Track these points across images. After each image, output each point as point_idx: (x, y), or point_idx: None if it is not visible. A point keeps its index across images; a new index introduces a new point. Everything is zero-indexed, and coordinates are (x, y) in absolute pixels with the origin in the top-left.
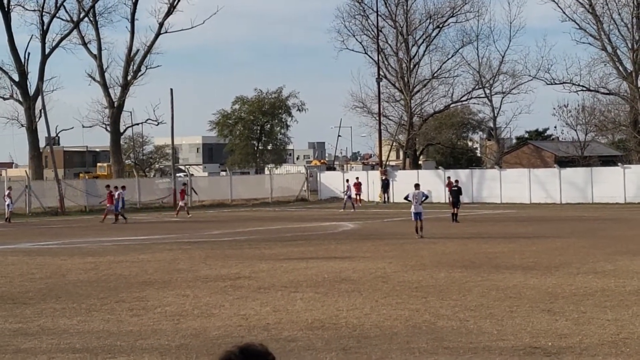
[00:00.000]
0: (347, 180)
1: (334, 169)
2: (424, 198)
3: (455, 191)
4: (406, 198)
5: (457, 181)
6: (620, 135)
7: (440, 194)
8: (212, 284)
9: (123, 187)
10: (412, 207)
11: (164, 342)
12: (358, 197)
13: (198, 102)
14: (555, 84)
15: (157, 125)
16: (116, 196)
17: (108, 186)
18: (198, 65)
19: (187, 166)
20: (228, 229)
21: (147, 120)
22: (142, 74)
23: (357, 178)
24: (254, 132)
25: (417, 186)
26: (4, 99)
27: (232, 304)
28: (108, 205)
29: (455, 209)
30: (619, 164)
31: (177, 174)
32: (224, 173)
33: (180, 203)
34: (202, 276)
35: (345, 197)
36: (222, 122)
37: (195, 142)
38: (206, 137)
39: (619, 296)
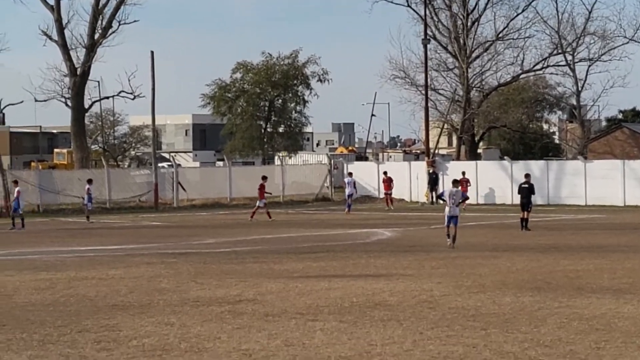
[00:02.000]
0: (350, 174)
1: (366, 159)
2: (463, 198)
3: (526, 189)
4: (440, 197)
5: (527, 175)
6: None
7: (506, 193)
8: (205, 309)
9: (89, 181)
10: (447, 208)
11: None
12: (388, 198)
13: (188, 70)
14: None
15: (133, 99)
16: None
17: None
18: (188, 22)
19: (173, 154)
20: (226, 236)
21: (120, 92)
22: (113, 32)
23: (385, 173)
24: (260, 109)
25: (455, 183)
26: None
27: (231, 335)
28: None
29: (525, 213)
30: None
31: (160, 164)
32: (220, 163)
33: (259, 203)
34: (192, 299)
35: (347, 196)
36: (218, 96)
37: (184, 122)
38: (198, 115)
39: None
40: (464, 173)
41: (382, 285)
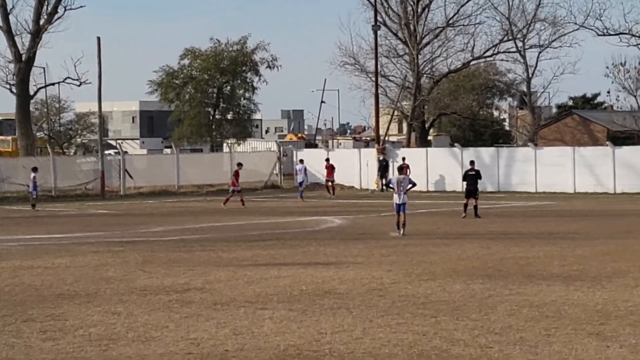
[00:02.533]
0: (301, 161)
1: (316, 146)
2: (410, 185)
3: (473, 176)
4: (388, 185)
5: (472, 162)
6: None
7: (457, 180)
8: (152, 298)
9: (35, 169)
10: (395, 196)
11: None
12: (331, 185)
13: (135, 56)
14: (609, 35)
15: (79, 85)
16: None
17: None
18: (135, 8)
19: (120, 141)
20: (174, 224)
21: (65, 79)
22: (59, 17)
23: (328, 160)
24: (209, 96)
25: (401, 169)
26: None
27: (179, 324)
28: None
29: (474, 200)
30: None
31: (107, 152)
32: (168, 150)
33: (233, 189)
34: (139, 287)
35: (298, 184)
36: (166, 82)
37: (131, 109)
38: (145, 102)
39: None
40: (403, 159)
41: (332, 273)
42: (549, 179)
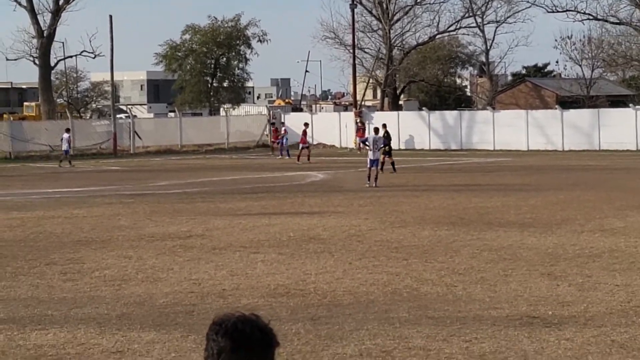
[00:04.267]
0: (283, 123)
1: (301, 110)
2: (384, 144)
3: (385, 138)
4: (364, 142)
5: (385, 125)
6: (632, 72)
7: (424, 139)
8: (159, 244)
9: (67, 130)
10: (370, 152)
11: (102, 310)
12: (276, 146)
13: (142, 31)
14: (558, 11)
15: (94, 58)
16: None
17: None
18: None
19: (130, 106)
20: (177, 179)
21: (82, 52)
22: None
23: (273, 124)
24: (207, 66)
25: (376, 130)
26: None
27: (182, 266)
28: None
29: (389, 158)
30: (631, 105)
31: (118, 115)
32: (172, 114)
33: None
34: (147, 234)
35: (283, 143)
36: (170, 54)
37: (139, 78)
38: (151, 72)
39: (630, 258)
40: (384, 125)
41: (316, 221)
42: (505, 139)
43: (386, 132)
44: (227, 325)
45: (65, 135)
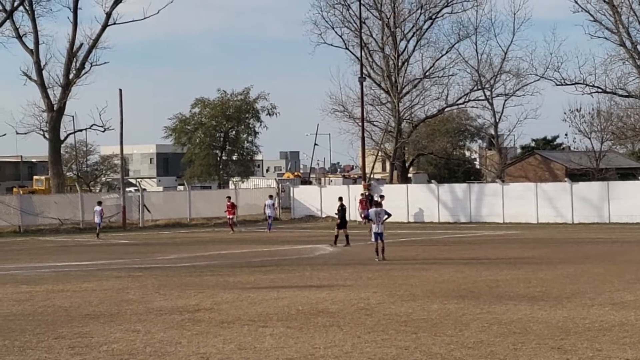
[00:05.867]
0: (271, 196)
1: (310, 183)
2: (386, 217)
3: (342, 210)
4: (367, 217)
5: (341, 198)
6: None
7: (434, 212)
8: (167, 318)
9: (99, 203)
10: (374, 226)
11: None
12: (231, 222)
13: (152, 105)
14: (566, 84)
15: (103, 131)
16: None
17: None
18: (152, 63)
19: (139, 179)
20: (186, 252)
21: (92, 126)
22: (86, 72)
23: (229, 198)
24: (216, 139)
25: (378, 204)
26: None
27: (191, 340)
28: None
29: (344, 230)
30: None
31: (127, 189)
32: (181, 187)
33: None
34: (156, 308)
35: (267, 217)
36: (179, 128)
37: (149, 151)
38: (161, 145)
39: None
40: (381, 196)
41: (325, 294)
42: (514, 211)
43: (341, 205)
44: None
45: (97, 208)
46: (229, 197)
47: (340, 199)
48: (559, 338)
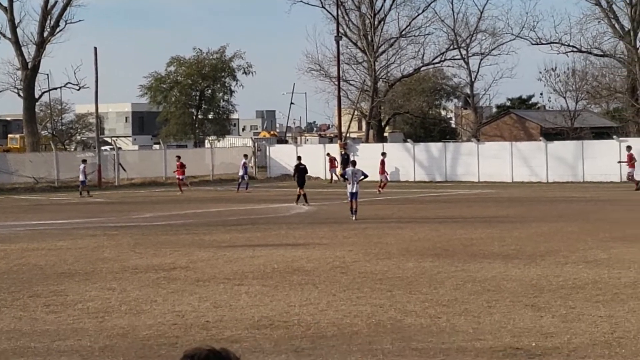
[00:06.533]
0: (245, 155)
1: (286, 142)
2: (362, 177)
3: (302, 169)
4: (343, 176)
5: (300, 158)
6: (616, 104)
7: (409, 171)
8: (143, 276)
9: (84, 161)
10: (349, 186)
11: (85, 343)
12: (180, 183)
13: (127, 63)
14: (542, 44)
15: (78, 90)
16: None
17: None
18: (127, 21)
19: (114, 138)
20: (161, 211)
21: (66, 84)
22: (60, 30)
23: (179, 157)
24: (192, 98)
25: (354, 163)
26: None
27: (166, 298)
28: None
29: (302, 190)
30: (614, 136)
31: (103, 147)
32: (157, 146)
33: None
34: (131, 266)
35: (240, 177)
36: (155, 86)
37: (124, 110)
38: (136, 104)
39: (613, 289)
40: (299, 158)
41: (300, 253)
42: (490, 170)
43: (299, 164)
44: (200, 357)
45: (81, 166)
46: (179, 157)
47: (299, 158)
48: (533, 296)
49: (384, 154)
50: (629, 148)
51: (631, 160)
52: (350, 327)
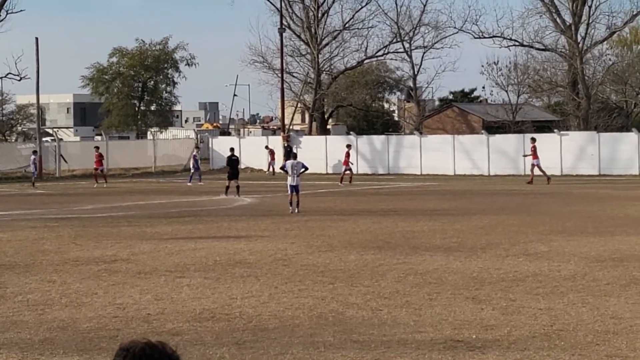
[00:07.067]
0: (197, 147)
1: (229, 134)
2: (303, 169)
3: (234, 161)
4: (283, 168)
5: (232, 149)
6: (557, 98)
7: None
8: (83, 268)
9: (34, 152)
10: (289, 178)
11: (25, 335)
12: (98, 173)
13: (69, 54)
14: (484, 37)
15: (19, 80)
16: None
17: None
18: (69, 11)
19: (56, 129)
20: (103, 203)
21: (7, 74)
22: (1, 20)
23: (97, 148)
24: (134, 89)
25: (295, 156)
26: None
27: (107, 291)
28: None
29: (234, 182)
30: (555, 130)
31: (44, 139)
32: (99, 138)
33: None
34: (72, 259)
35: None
36: (97, 77)
37: (66, 101)
38: (78, 95)
39: (553, 282)
40: (349, 146)
41: (243, 245)
42: (432, 163)
43: (232, 155)
44: (135, 350)
45: (32, 157)
46: (97, 147)
47: (232, 149)
48: (474, 288)
49: (349, 146)
50: (533, 140)
51: (535, 152)
52: (292, 320)
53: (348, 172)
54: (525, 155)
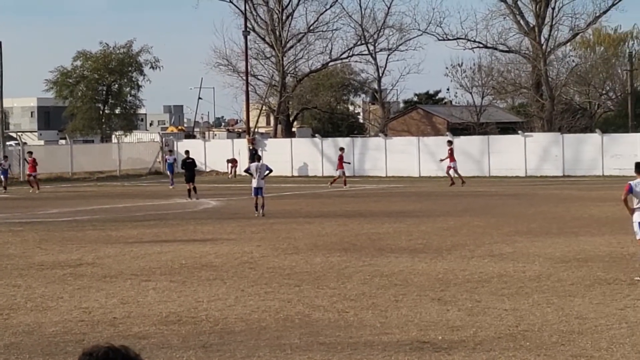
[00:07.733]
0: (170, 151)
1: (194, 137)
2: (267, 172)
3: (190, 163)
4: (247, 171)
5: (188, 152)
6: (521, 99)
7: (317, 166)
8: (49, 272)
9: (5, 158)
10: (254, 181)
11: None
12: (34, 180)
13: (33, 57)
14: (448, 39)
15: None
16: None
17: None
18: (32, 14)
19: (20, 133)
20: (68, 207)
21: None
22: None
23: (30, 153)
24: (99, 93)
25: (259, 158)
26: None
27: (72, 295)
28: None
29: (192, 184)
30: (520, 131)
31: (8, 143)
32: (63, 141)
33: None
34: (37, 263)
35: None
36: (61, 81)
37: (29, 104)
38: (42, 98)
39: (518, 283)
40: (187, 152)
41: (209, 248)
42: (397, 165)
43: (187, 157)
44: (98, 355)
45: (2, 162)
46: (30, 153)
47: (187, 152)
48: (440, 289)
49: (342, 149)
50: (449, 143)
51: (452, 155)
52: (259, 322)
53: (342, 175)
54: (442, 160)
